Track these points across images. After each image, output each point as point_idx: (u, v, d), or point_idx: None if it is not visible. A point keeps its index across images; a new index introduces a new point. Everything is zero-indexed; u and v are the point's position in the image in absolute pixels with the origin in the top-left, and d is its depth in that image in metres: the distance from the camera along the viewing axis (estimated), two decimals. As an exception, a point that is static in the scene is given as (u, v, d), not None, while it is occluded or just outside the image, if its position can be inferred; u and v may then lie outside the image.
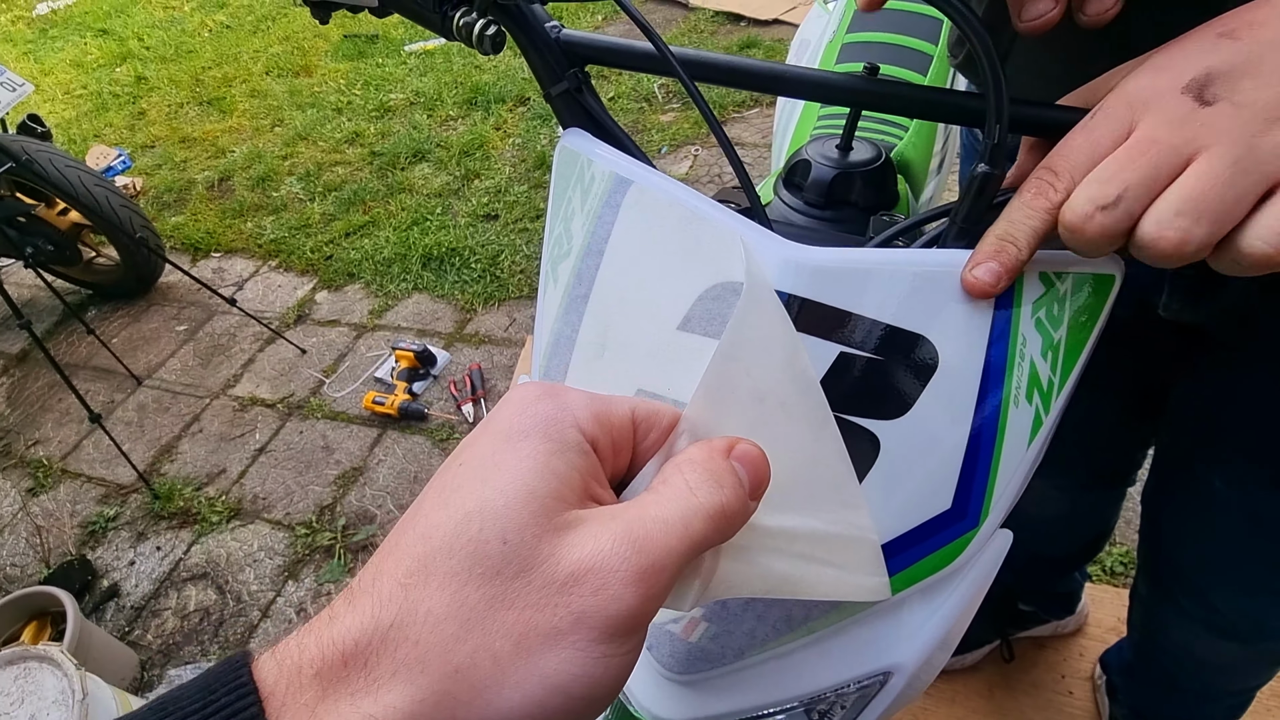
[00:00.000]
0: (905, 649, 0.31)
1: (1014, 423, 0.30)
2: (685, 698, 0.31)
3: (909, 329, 0.29)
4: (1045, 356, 0.31)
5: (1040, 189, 0.28)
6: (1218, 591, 0.66)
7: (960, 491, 0.30)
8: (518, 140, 2.74)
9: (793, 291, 0.29)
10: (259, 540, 1.65)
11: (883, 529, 0.30)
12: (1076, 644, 1.18)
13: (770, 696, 0.31)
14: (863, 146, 0.55)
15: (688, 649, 0.30)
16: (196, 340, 2.25)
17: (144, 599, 1.60)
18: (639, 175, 0.34)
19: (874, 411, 0.29)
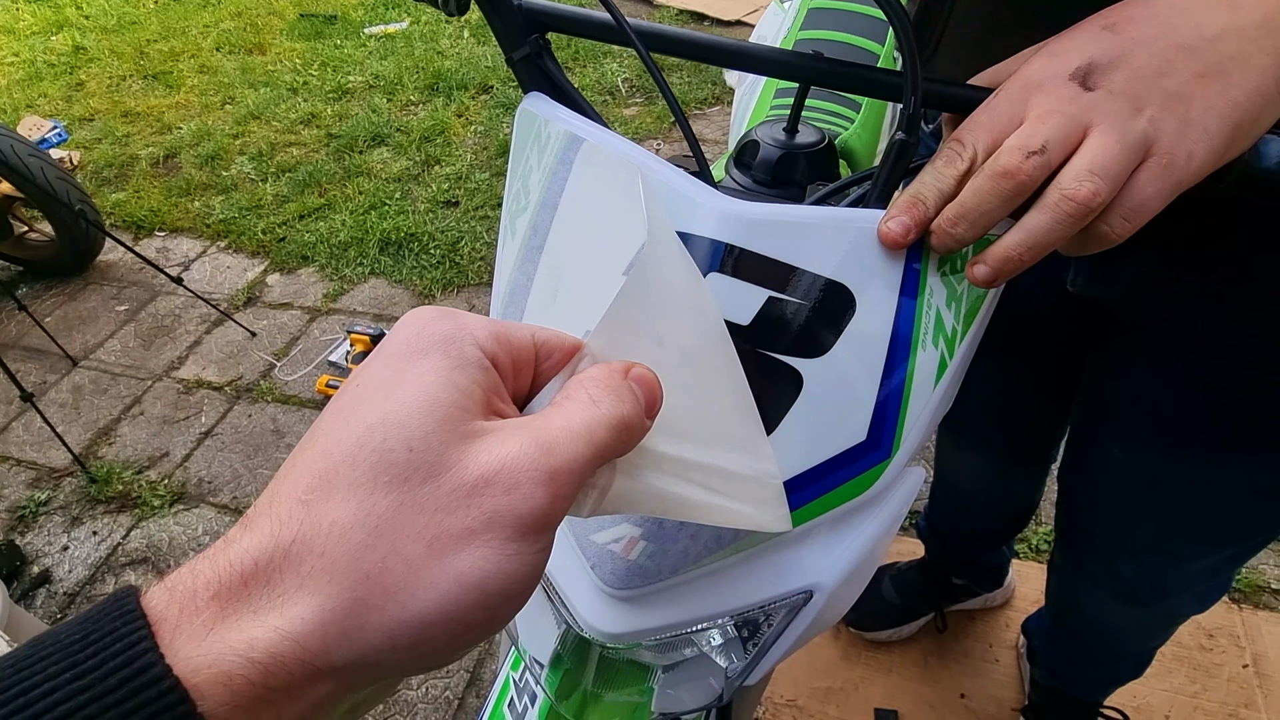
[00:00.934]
0: (825, 570, 0.35)
1: (922, 364, 0.34)
2: (626, 612, 0.33)
3: (831, 277, 0.33)
4: (949, 306, 0.34)
5: (949, 157, 0.32)
6: (1119, 555, 0.72)
7: (874, 425, 0.33)
8: (480, 128, 2.73)
9: (730, 241, 0.32)
10: (204, 524, 1.61)
11: (804, 458, 0.33)
12: (1003, 616, 1.26)
13: (703, 611, 0.34)
14: (808, 130, 0.59)
15: (627, 566, 0.33)
16: (138, 321, 2.18)
17: (78, 585, 1.54)
18: (591, 134, 0.36)
19: (798, 350, 0.32)
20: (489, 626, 0.20)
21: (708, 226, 0.33)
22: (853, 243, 0.33)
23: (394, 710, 1.28)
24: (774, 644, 0.37)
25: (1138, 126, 0.29)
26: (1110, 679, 0.99)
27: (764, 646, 0.37)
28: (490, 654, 1.33)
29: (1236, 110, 0.29)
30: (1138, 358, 0.60)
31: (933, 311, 0.34)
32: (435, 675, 1.31)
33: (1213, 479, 0.60)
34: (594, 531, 0.33)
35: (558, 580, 0.34)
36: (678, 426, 0.26)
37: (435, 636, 0.19)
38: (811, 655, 1.24)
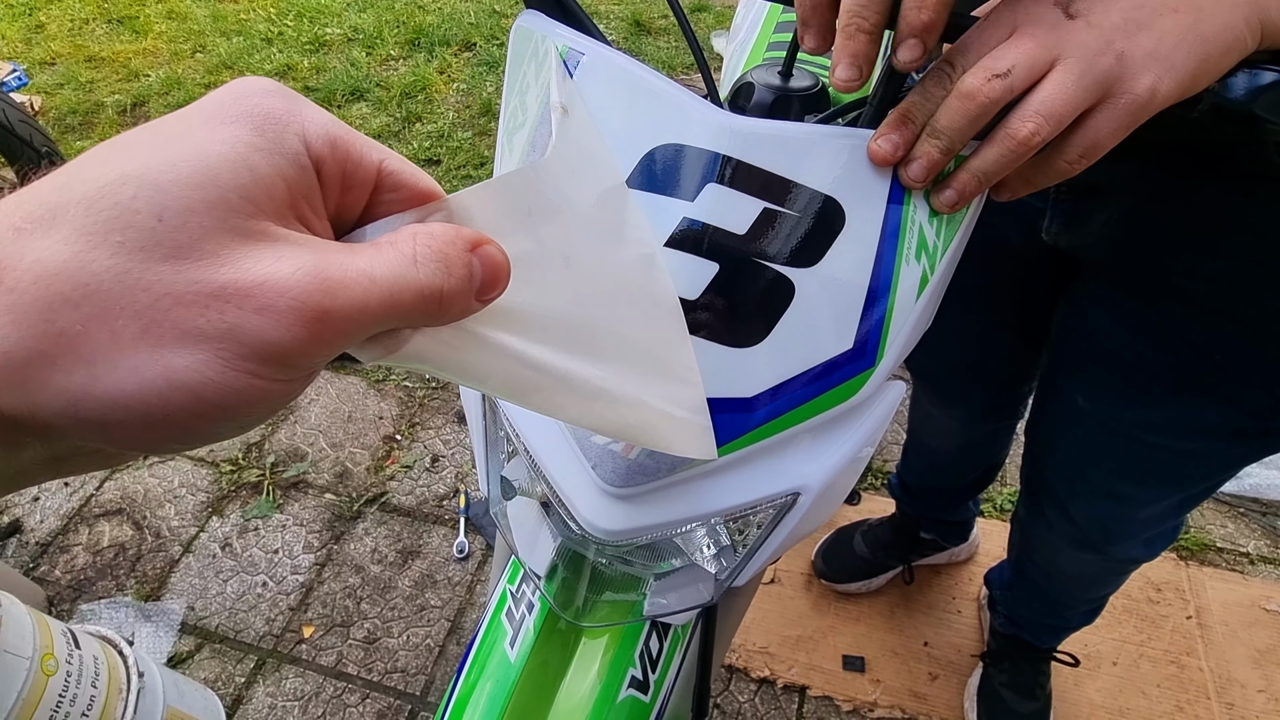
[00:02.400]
0: (811, 473, 0.37)
1: (905, 278, 0.36)
2: (624, 510, 0.35)
3: (822, 190, 0.34)
4: (931, 223, 0.36)
5: (938, 78, 0.34)
6: (1074, 500, 0.76)
7: (860, 334, 0.35)
8: (462, 86, 2.68)
9: (728, 153, 0.34)
10: (179, 477, 1.60)
11: (794, 364, 0.35)
12: (967, 570, 1.31)
13: (697, 509, 0.36)
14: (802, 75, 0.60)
15: (627, 465, 0.34)
16: (108, 273, 2.12)
17: (51, 535, 1.53)
18: (590, 48, 0.37)
19: (790, 260, 0.34)
20: (201, 435, 0.18)
21: (707, 138, 0.34)
22: (845, 158, 0.34)
23: (375, 657, 1.30)
24: (762, 545, 0.39)
25: (1102, 65, 0.31)
26: (1064, 625, 1.05)
27: (753, 548, 0.39)
28: (471, 603, 1.35)
29: (1204, 45, 0.31)
30: (1102, 305, 0.63)
31: (916, 228, 0.36)
32: (415, 624, 1.34)
33: (1165, 421, 0.63)
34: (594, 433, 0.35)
35: (556, 480, 0.36)
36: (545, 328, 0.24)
37: (129, 424, 0.17)
38: (783, 605, 1.28)
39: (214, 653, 1.33)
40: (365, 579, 1.41)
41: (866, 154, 0.34)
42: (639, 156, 0.34)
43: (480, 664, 0.45)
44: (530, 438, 0.37)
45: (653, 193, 0.34)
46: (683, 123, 0.34)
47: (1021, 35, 0.32)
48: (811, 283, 0.34)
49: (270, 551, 1.46)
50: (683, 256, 0.34)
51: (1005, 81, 0.31)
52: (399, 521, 1.49)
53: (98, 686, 0.99)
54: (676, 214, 0.34)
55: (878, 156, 0.34)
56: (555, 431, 0.36)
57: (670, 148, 0.34)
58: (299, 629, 1.34)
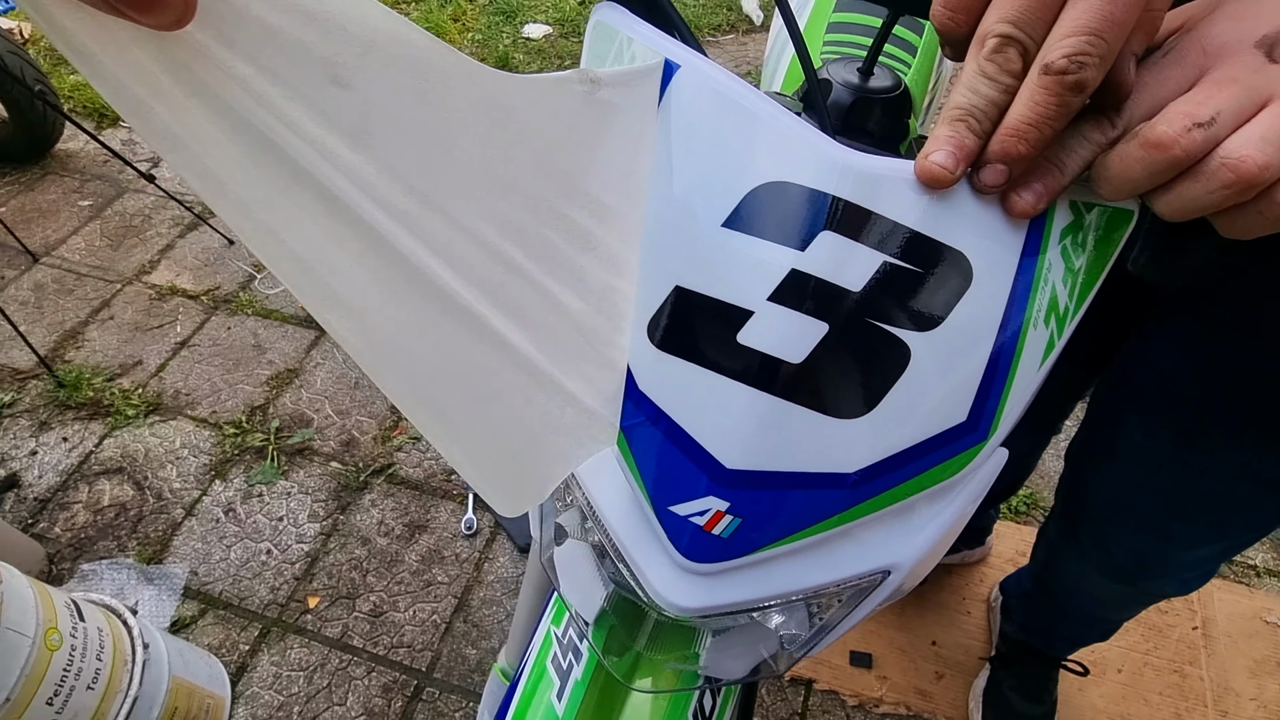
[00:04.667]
0: (905, 550, 0.34)
1: (1031, 343, 0.32)
2: (701, 586, 0.32)
3: (950, 243, 0.30)
4: (1065, 282, 0.32)
5: (1100, 124, 0.29)
6: (1114, 533, 0.74)
7: (976, 405, 0.31)
8: (477, 36, 2.55)
9: (844, 196, 0.29)
10: (181, 437, 1.57)
11: (903, 437, 0.31)
12: (978, 572, 1.30)
13: (781, 588, 0.33)
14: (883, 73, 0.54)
15: (708, 541, 0.31)
16: (104, 218, 2.05)
17: (49, 491, 1.51)
18: (688, 60, 0.32)
19: (909, 323, 0.30)
20: None
21: (822, 177, 0.29)
22: (976, 208, 0.30)
23: (380, 631, 1.29)
24: (841, 622, 0.36)
25: None
26: (1078, 639, 1.04)
27: (830, 623, 0.36)
28: (479, 580, 1.34)
29: None
30: (1176, 339, 0.59)
31: (1049, 288, 0.31)
32: (422, 599, 1.33)
33: (1224, 466, 0.60)
34: (674, 502, 0.31)
35: (626, 547, 0.33)
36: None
37: None
38: (793, 598, 1.28)
39: (217, 619, 1.32)
40: (371, 551, 1.39)
41: (1003, 206, 0.30)
42: (741, 194, 0.30)
43: (524, 714, 0.42)
44: (597, 495, 0.34)
45: (756, 237, 0.30)
46: (793, 156, 0.30)
47: (1219, 79, 0.27)
48: (929, 348, 0.30)
49: (275, 519, 1.44)
50: (788, 313, 0.29)
51: (1207, 132, 0.26)
52: (406, 494, 1.47)
53: (102, 659, 0.98)
54: (784, 265, 0.29)
55: (1017, 210, 0.29)
56: (627, 493, 0.33)
57: (778, 186, 0.30)
58: (304, 599, 1.34)
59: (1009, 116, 0.28)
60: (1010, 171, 0.29)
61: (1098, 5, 0.25)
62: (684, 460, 0.31)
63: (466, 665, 1.26)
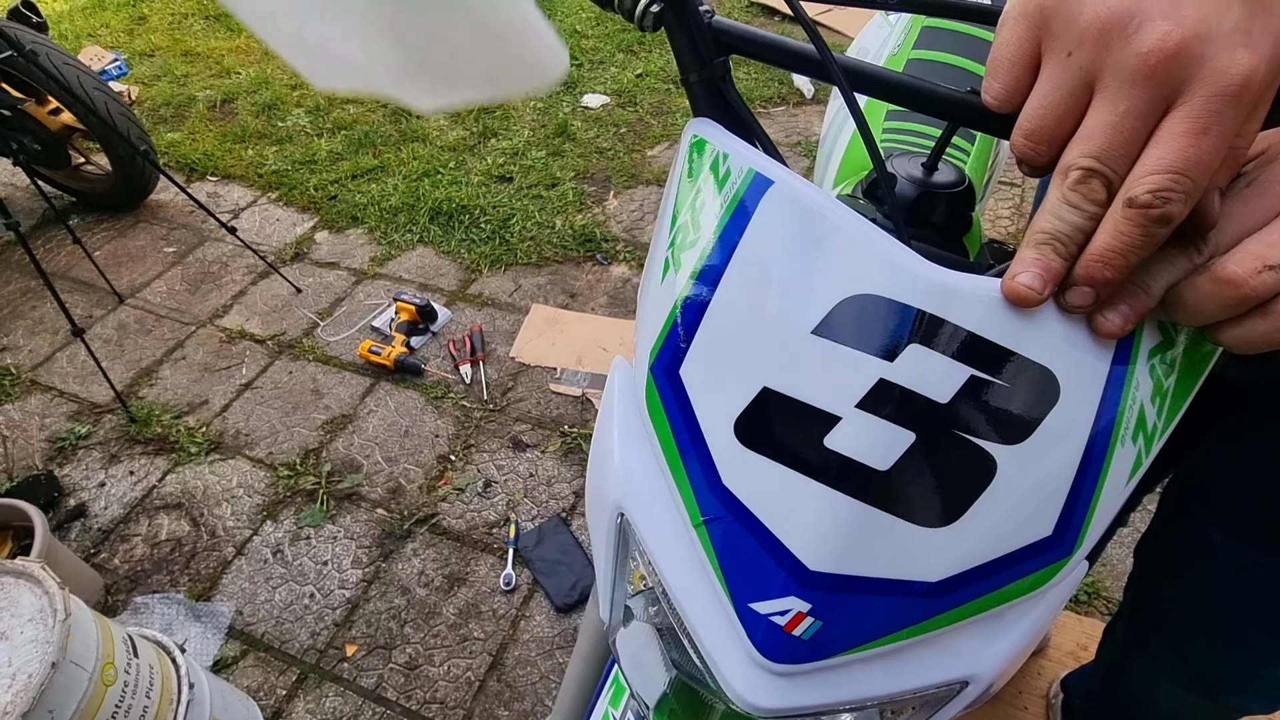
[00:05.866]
0: (985, 661, 0.33)
1: (1119, 460, 0.32)
2: (779, 687, 0.32)
3: (1038, 360, 0.30)
4: (1153, 401, 0.32)
5: (1187, 251, 0.30)
6: (1194, 643, 0.69)
7: (1062, 520, 0.31)
8: (540, 105, 2.70)
9: (933, 311, 0.30)
10: (239, 476, 1.63)
11: (986, 550, 0.31)
12: (1036, 664, 1.23)
13: (857, 693, 0.32)
14: (946, 168, 0.56)
15: (789, 642, 0.31)
16: (185, 264, 2.19)
17: (113, 522, 1.57)
18: (781, 176, 0.34)
19: (995, 435, 0.30)
20: None
21: (910, 292, 0.30)
22: (1064, 326, 0.31)
23: (415, 684, 1.29)
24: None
25: None
26: None
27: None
28: (515, 639, 1.33)
29: None
30: (1261, 439, 0.57)
31: (1136, 406, 0.32)
32: (458, 654, 1.32)
33: None
34: (755, 600, 0.31)
35: (703, 641, 0.33)
36: None
37: None
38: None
39: (258, 661, 1.34)
40: (410, 601, 1.40)
41: (1089, 325, 0.30)
42: (831, 305, 0.31)
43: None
44: (673, 585, 0.34)
45: (845, 346, 0.31)
46: (883, 272, 0.31)
47: None
48: (1016, 461, 0.31)
49: (320, 563, 1.47)
50: (876, 422, 0.30)
51: (1277, 276, 0.27)
52: (448, 545, 1.48)
53: (151, 696, 0.99)
54: (872, 373, 0.30)
55: (1104, 330, 0.30)
56: (705, 586, 0.33)
57: (868, 299, 0.31)
58: (342, 646, 1.34)
59: (1094, 244, 0.28)
60: (1096, 294, 0.29)
61: (1184, 146, 0.26)
62: (767, 558, 0.31)
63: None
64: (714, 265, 0.35)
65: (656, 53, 2.94)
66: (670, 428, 0.35)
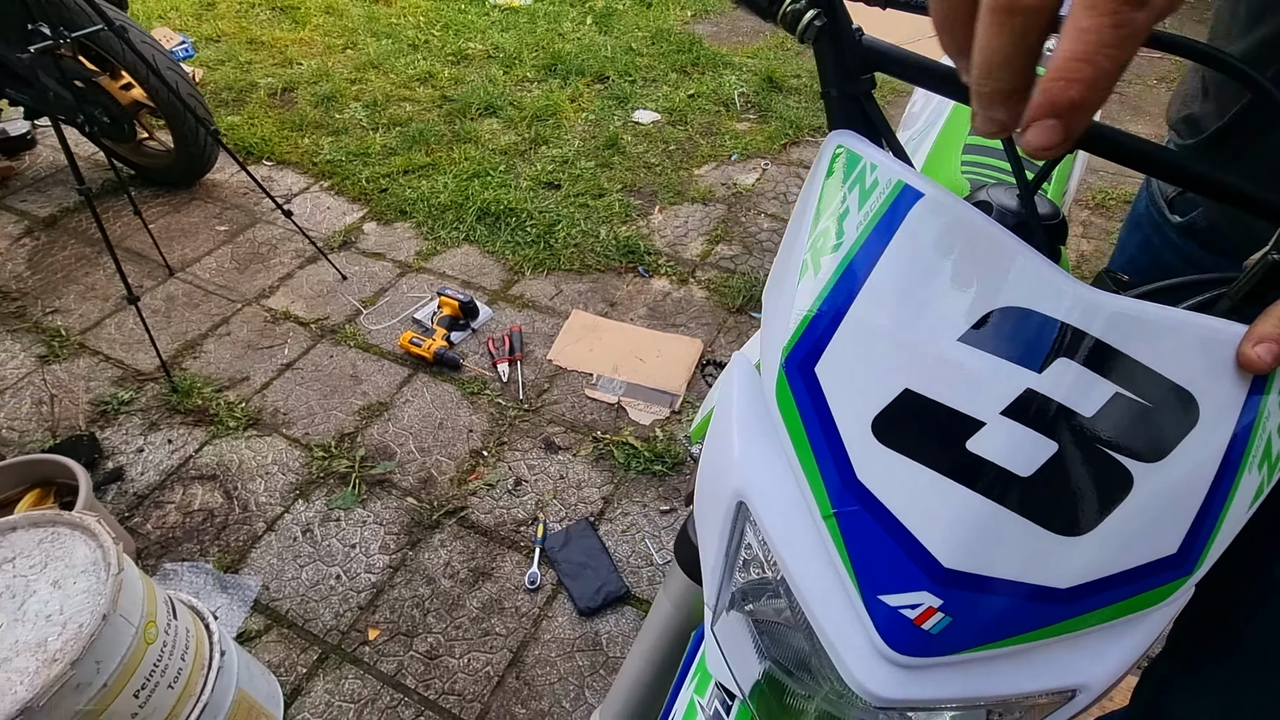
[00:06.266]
0: (1097, 672, 0.34)
1: (1245, 485, 0.33)
2: (900, 678, 0.33)
3: (1180, 382, 0.32)
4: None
5: None
6: (1245, 676, 0.68)
7: (1188, 539, 0.32)
8: (591, 116, 2.75)
9: (1081, 327, 0.32)
10: (274, 454, 1.65)
11: (1115, 560, 0.32)
12: (1062, 713, 1.22)
13: (973, 692, 0.33)
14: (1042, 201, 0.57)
15: (915, 635, 0.32)
16: (236, 243, 2.24)
17: (149, 488, 1.59)
18: (929, 190, 0.36)
19: (1134, 452, 0.32)
20: None
21: (1062, 310, 0.32)
22: (1208, 351, 0.32)
23: (434, 674, 1.29)
24: (1020, 738, 0.36)
25: None
26: None
27: (1008, 736, 0.36)
28: (535, 638, 1.34)
29: None
30: None
31: (1265, 435, 0.33)
32: (478, 648, 1.32)
33: None
34: (885, 592, 0.33)
35: (825, 631, 0.34)
36: None
37: None
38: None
39: (281, 637, 1.35)
40: (435, 592, 1.41)
41: (1233, 354, 0.32)
42: (980, 314, 0.33)
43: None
44: (796, 574, 0.35)
45: (993, 355, 0.32)
46: (1032, 286, 0.33)
47: None
48: (1151, 478, 0.32)
49: (348, 545, 1.48)
50: (1021, 429, 0.32)
51: None
52: (475, 539, 1.49)
53: (185, 660, 1.01)
54: (1019, 383, 0.32)
55: (1253, 363, 0.31)
56: (830, 577, 0.34)
57: (1018, 311, 0.32)
58: (364, 630, 1.35)
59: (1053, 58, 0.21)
60: (1065, 126, 0.22)
61: None
62: (900, 553, 0.32)
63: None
64: (857, 270, 0.36)
65: (709, 75, 3.00)
66: (802, 422, 0.36)
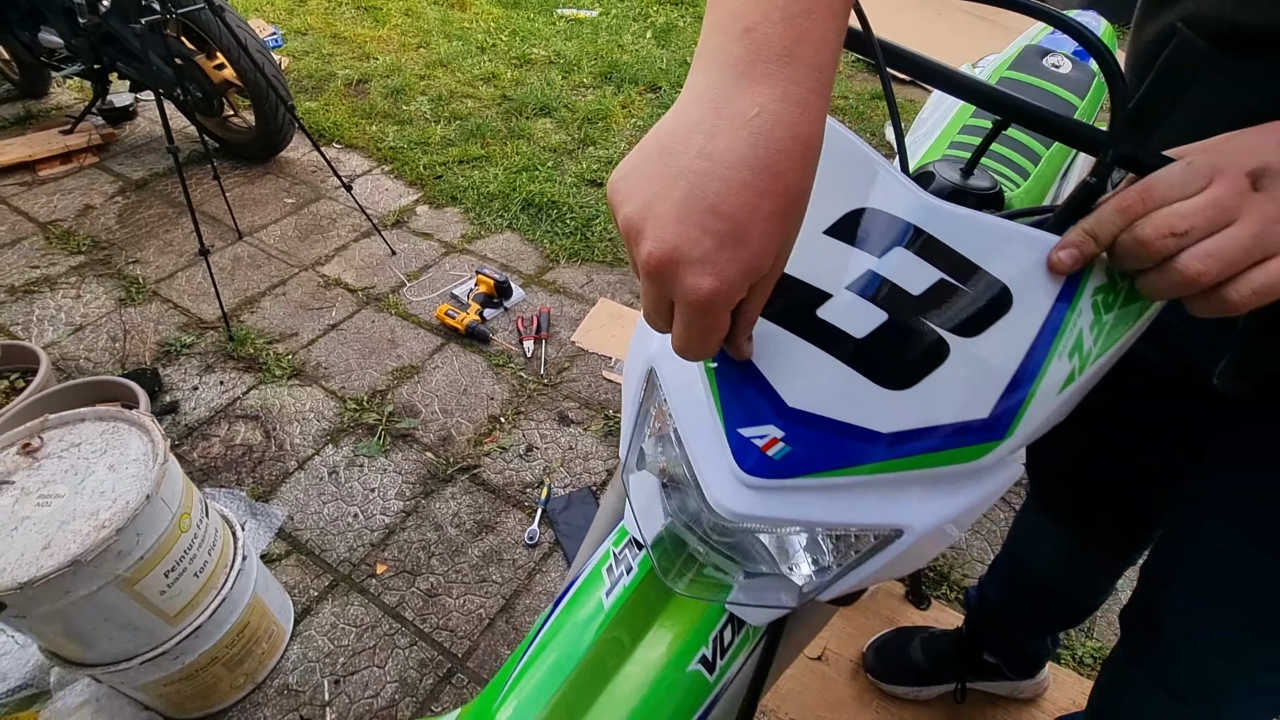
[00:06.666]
0: (918, 517, 0.40)
1: (1053, 371, 0.39)
2: (748, 497, 0.40)
3: (997, 276, 0.39)
4: (1092, 330, 0.39)
5: (1130, 203, 0.38)
6: (1189, 646, 0.70)
7: (996, 408, 0.39)
8: (640, 121, 2.88)
9: (921, 225, 0.39)
10: (312, 402, 1.79)
11: (928, 415, 0.39)
12: (1027, 711, 1.23)
13: (811, 515, 0.40)
14: (983, 175, 0.64)
15: (763, 460, 0.39)
16: (300, 215, 2.43)
17: (198, 422, 1.75)
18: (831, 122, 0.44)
19: (951, 327, 0.39)
20: None
21: (907, 211, 0.39)
22: (1026, 256, 0.39)
23: (431, 610, 1.39)
24: (854, 570, 0.42)
25: (1276, 231, 0.35)
26: None
27: (846, 569, 0.43)
28: (529, 589, 1.42)
29: None
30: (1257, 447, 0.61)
31: (1076, 330, 0.39)
32: (475, 592, 1.42)
33: None
34: (742, 425, 0.40)
35: (696, 459, 0.42)
36: None
37: None
38: (826, 686, 1.26)
39: (299, 562, 1.47)
40: (441, 538, 1.51)
41: (1044, 258, 0.38)
42: (843, 212, 0.41)
43: (576, 603, 0.51)
44: (681, 415, 0.43)
45: (845, 244, 0.40)
46: (889, 193, 0.40)
47: (1209, 200, 0.35)
48: (966, 351, 0.39)
49: (368, 489, 1.60)
50: (860, 300, 0.39)
51: (1180, 241, 0.35)
52: (483, 495, 1.59)
53: (211, 555, 1.13)
54: (862, 266, 0.39)
55: (1057, 266, 0.38)
56: (706, 416, 0.42)
57: (873, 212, 0.40)
58: (373, 564, 1.46)
59: None
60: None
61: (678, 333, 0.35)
62: (756, 395, 0.40)
63: (498, 663, 1.32)
64: None
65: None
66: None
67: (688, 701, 0.47)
